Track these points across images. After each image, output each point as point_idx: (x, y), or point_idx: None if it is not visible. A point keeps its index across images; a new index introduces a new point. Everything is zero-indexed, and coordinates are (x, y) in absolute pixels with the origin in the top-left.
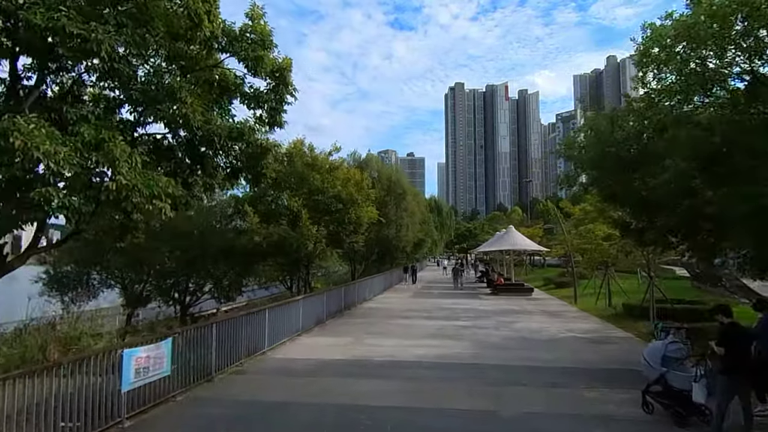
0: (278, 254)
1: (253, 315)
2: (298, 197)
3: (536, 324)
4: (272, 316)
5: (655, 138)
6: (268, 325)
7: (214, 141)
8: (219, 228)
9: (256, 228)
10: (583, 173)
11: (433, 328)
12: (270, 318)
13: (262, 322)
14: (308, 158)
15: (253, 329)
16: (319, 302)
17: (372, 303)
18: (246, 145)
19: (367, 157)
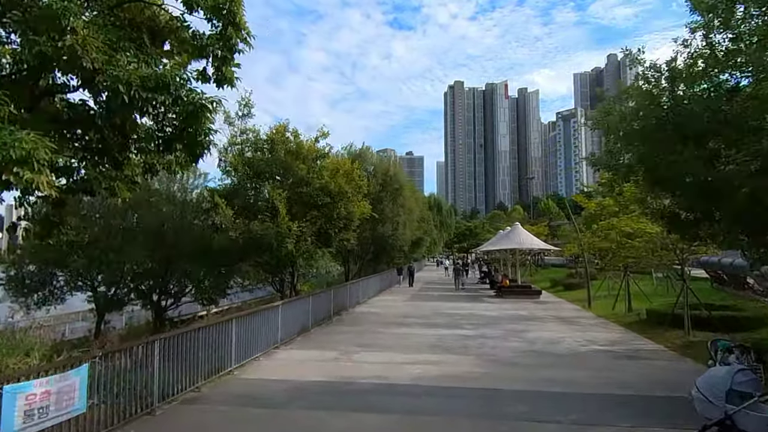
0: (256, 254)
1: (216, 327)
2: (280, 189)
3: (551, 333)
4: (242, 327)
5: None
6: (237, 338)
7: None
8: (193, 224)
9: (231, 224)
10: (625, 149)
11: (433, 339)
12: (239, 329)
13: (228, 335)
14: (292, 145)
15: (216, 344)
16: (303, 308)
17: (365, 306)
18: (173, 101)
19: (362, 150)
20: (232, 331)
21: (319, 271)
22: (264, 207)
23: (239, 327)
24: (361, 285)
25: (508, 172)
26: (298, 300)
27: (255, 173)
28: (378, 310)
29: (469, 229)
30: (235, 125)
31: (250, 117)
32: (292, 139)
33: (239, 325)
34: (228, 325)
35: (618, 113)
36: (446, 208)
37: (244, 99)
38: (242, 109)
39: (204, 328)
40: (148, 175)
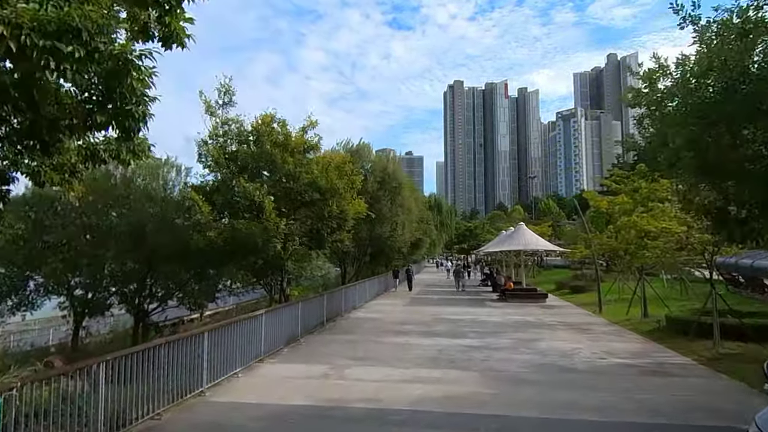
0: (240, 255)
1: (185, 342)
2: (262, 184)
3: (563, 343)
4: (217, 340)
5: None
6: (210, 353)
7: (2, 36)
8: (175, 223)
9: (211, 222)
10: (673, 130)
11: (434, 350)
12: (213, 343)
13: (199, 350)
14: (279, 137)
15: (184, 361)
16: (291, 315)
17: (361, 312)
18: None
19: (359, 147)
20: (204, 345)
21: (313, 273)
22: (247, 204)
23: (213, 340)
24: (357, 289)
25: (507, 172)
26: (287, 307)
27: (240, 168)
28: (375, 315)
29: (469, 229)
30: (216, 115)
31: (232, 106)
32: (279, 130)
33: (213, 337)
34: (199, 339)
35: (665, 88)
36: (446, 208)
37: (223, 86)
38: (222, 97)
39: (168, 345)
40: (90, 163)
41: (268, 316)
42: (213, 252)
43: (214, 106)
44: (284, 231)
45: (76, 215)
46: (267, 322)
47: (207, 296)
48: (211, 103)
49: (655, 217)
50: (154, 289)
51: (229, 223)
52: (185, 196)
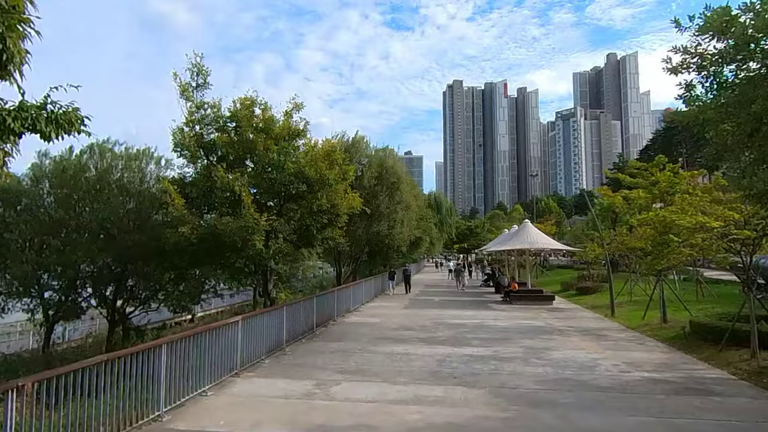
0: (216, 254)
1: (137, 356)
2: (242, 174)
3: (579, 352)
4: (178, 352)
5: None
6: (168, 368)
7: None
8: (152, 219)
9: (186, 216)
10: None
11: (435, 361)
12: (175, 356)
13: (155, 366)
14: (259, 121)
15: (136, 379)
16: (275, 321)
17: (357, 315)
18: None
19: (355, 140)
20: (162, 359)
21: (305, 273)
22: (225, 197)
23: (175, 353)
24: (352, 290)
25: (507, 172)
26: (270, 312)
27: (219, 159)
28: (371, 319)
29: (470, 228)
30: (191, 99)
31: (207, 88)
32: (260, 115)
33: (175, 350)
34: (156, 353)
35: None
36: (446, 206)
37: (195, 65)
38: (195, 78)
39: (113, 361)
40: None
41: (246, 323)
42: (188, 250)
43: (189, 90)
44: (265, 227)
45: (45, 211)
46: (244, 330)
47: (191, 298)
48: (186, 87)
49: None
50: (134, 291)
51: (204, 218)
52: (164, 190)
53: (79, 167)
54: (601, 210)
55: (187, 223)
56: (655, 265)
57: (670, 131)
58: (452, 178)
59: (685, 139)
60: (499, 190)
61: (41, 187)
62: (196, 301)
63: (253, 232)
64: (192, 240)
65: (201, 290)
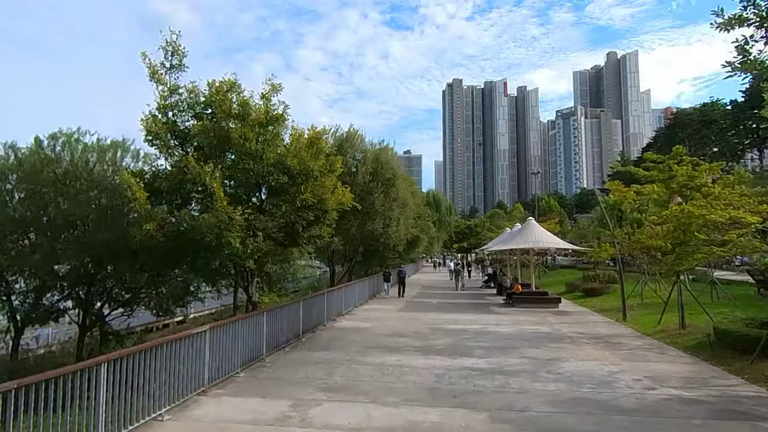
0: (188, 253)
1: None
2: (216, 165)
3: (593, 364)
4: (126, 371)
5: None
6: (111, 390)
7: None
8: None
9: (150, 213)
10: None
11: (431, 376)
12: (118, 377)
13: (95, 387)
14: (235, 107)
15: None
16: (253, 328)
17: (348, 319)
18: None
19: (348, 134)
20: (102, 381)
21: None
22: (195, 190)
23: (121, 372)
24: (344, 293)
25: (507, 171)
26: (246, 319)
27: (196, 149)
28: (363, 324)
29: (469, 227)
30: (163, 82)
31: (183, 70)
32: (235, 100)
33: (120, 368)
34: (94, 373)
35: None
36: (445, 204)
37: (170, 43)
38: (168, 59)
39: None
40: None
41: (216, 332)
42: (157, 250)
43: (160, 71)
44: (240, 222)
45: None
46: (214, 340)
47: (173, 300)
48: (157, 68)
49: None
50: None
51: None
52: (127, 184)
53: (46, 160)
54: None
55: (152, 220)
56: (677, 266)
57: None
58: (452, 178)
59: (688, 136)
60: (499, 189)
61: (8, 182)
62: (180, 303)
63: (227, 229)
64: (159, 239)
65: (186, 292)
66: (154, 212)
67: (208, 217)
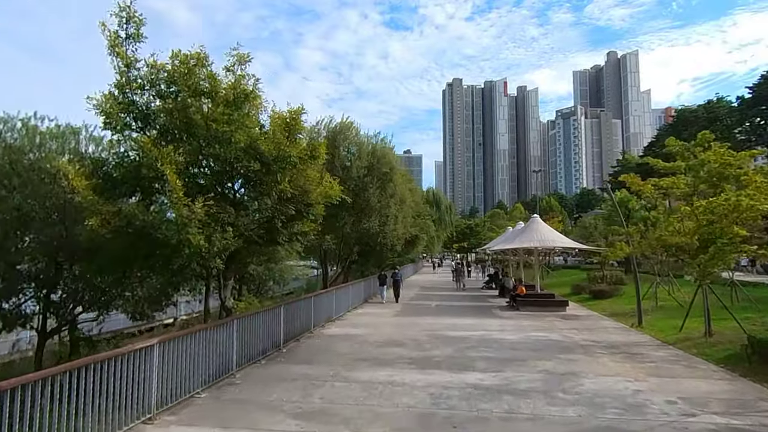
0: (148, 253)
1: None
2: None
3: (615, 380)
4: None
5: None
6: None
7: None
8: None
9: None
10: None
11: (427, 397)
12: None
13: None
14: (201, 83)
15: None
16: (221, 340)
17: (337, 326)
18: None
19: (342, 125)
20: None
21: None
22: (149, 178)
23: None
24: (334, 296)
25: (507, 171)
26: (211, 329)
27: (161, 133)
28: (354, 331)
29: (470, 227)
30: (121, 55)
31: (141, 41)
32: (203, 75)
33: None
34: None
35: None
36: (445, 203)
37: (123, 9)
38: (123, 27)
39: None
40: None
41: (169, 346)
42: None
43: (120, 43)
44: (201, 217)
45: None
46: (166, 355)
47: (149, 304)
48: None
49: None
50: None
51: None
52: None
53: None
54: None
55: (97, 214)
56: (711, 266)
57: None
58: (452, 177)
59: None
60: (499, 189)
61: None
62: (158, 307)
63: (185, 224)
64: (106, 236)
65: (165, 295)
66: (99, 205)
67: (162, 210)
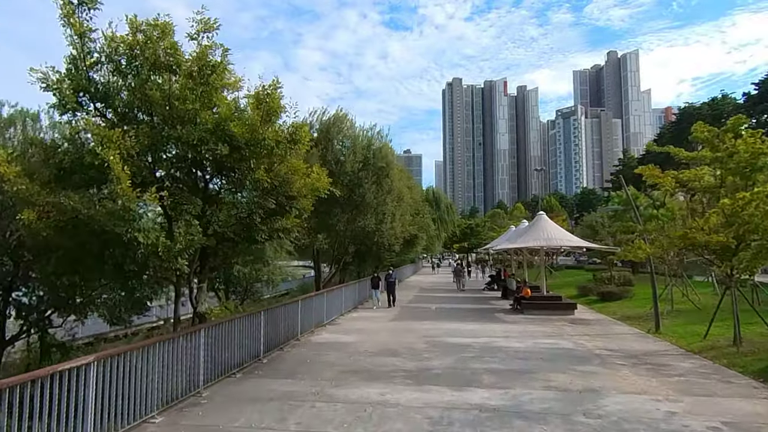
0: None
1: None
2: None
3: (642, 400)
4: None
5: None
6: None
7: None
8: None
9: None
10: None
11: (424, 422)
12: None
13: None
14: (161, 53)
15: None
16: (183, 353)
17: (328, 332)
18: None
19: (336, 117)
20: None
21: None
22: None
23: None
24: (326, 299)
25: (506, 171)
26: (169, 340)
27: (121, 115)
28: (345, 337)
29: (470, 227)
30: (73, 25)
31: (96, 7)
32: (165, 44)
33: None
34: None
35: None
36: (445, 202)
37: None
38: None
39: None
40: None
41: (111, 363)
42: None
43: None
44: (155, 210)
45: None
46: (104, 376)
47: (127, 308)
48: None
49: None
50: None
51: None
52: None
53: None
54: (619, 203)
55: (32, 205)
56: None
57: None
58: (452, 177)
59: None
60: (499, 189)
61: None
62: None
63: (133, 218)
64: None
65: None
66: (33, 196)
67: (110, 203)
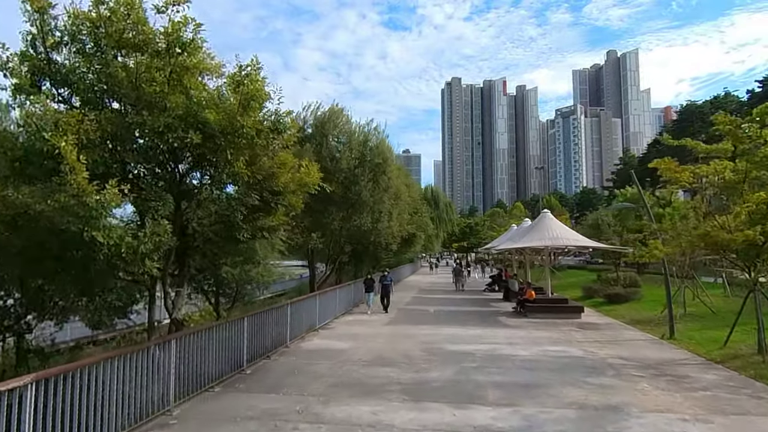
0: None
1: None
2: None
3: (669, 419)
4: None
5: None
6: None
7: None
8: None
9: None
10: None
11: None
12: None
13: None
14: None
15: None
16: (146, 368)
17: (321, 337)
18: None
19: (332, 111)
20: None
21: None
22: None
23: None
24: (318, 301)
25: (506, 170)
26: (128, 354)
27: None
28: (338, 344)
29: (469, 226)
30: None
31: None
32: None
33: None
34: None
35: None
36: (444, 201)
37: None
38: None
39: None
40: None
41: (51, 385)
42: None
43: None
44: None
45: None
46: (46, 398)
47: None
48: None
49: None
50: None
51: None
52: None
53: None
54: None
55: None
56: None
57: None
58: (451, 177)
59: (704, 128)
60: (498, 188)
61: None
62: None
63: (89, 215)
64: None
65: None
66: None
67: (63, 197)
